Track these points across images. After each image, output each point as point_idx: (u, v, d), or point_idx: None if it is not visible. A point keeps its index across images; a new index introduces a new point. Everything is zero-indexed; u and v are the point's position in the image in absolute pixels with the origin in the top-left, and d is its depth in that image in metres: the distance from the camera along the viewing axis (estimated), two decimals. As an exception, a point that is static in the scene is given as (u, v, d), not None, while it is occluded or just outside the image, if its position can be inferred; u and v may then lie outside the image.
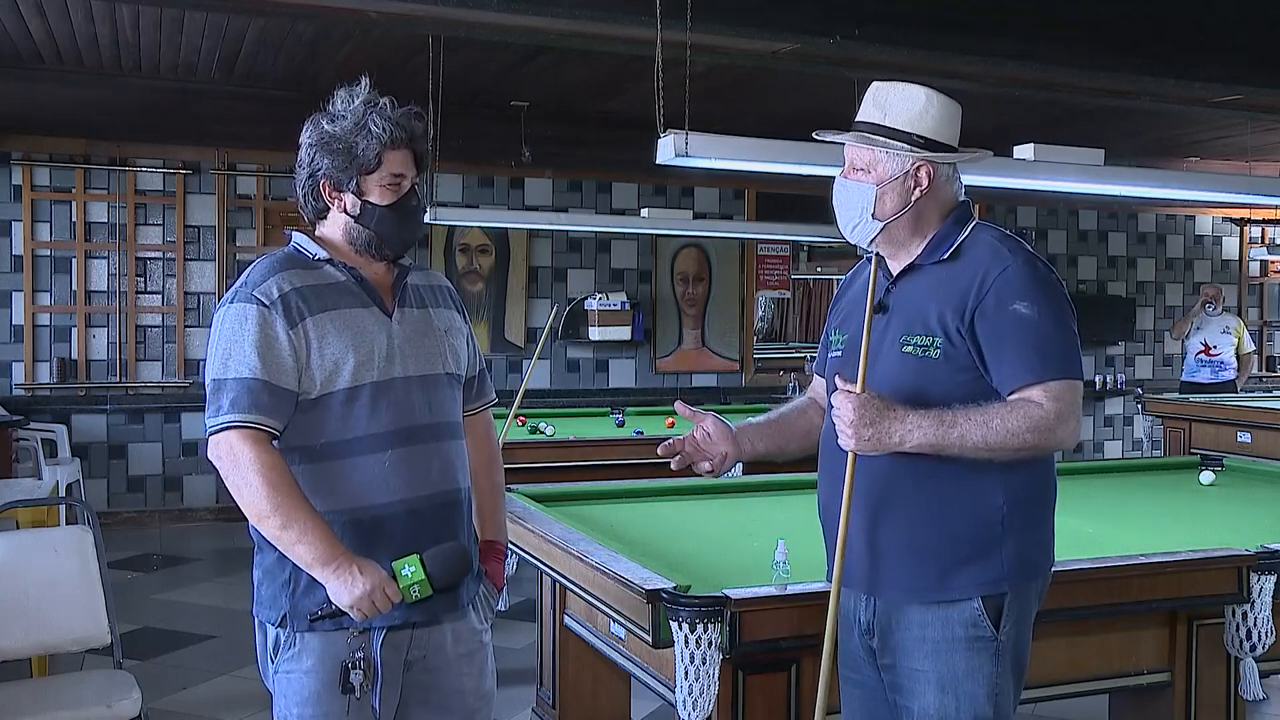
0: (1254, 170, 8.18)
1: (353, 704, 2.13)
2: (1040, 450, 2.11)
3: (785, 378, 9.74)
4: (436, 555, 2.11)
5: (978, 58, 4.78)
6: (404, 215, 2.24)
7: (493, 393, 2.51)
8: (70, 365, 7.98)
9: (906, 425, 2.08)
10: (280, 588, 2.15)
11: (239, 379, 2.08)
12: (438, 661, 2.24)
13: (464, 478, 2.29)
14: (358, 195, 2.21)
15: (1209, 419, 7.49)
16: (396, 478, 2.15)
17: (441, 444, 2.23)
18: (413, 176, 2.25)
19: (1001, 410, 2.07)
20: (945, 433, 2.07)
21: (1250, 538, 3.15)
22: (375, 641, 2.15)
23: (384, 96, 2.22)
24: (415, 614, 2.17)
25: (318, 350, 2.12)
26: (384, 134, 2.17)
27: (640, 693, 3.41)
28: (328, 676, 2.13)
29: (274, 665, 2.18)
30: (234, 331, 2.11)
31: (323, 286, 2.18)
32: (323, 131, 2.20)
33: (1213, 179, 6.94)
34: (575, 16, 4.31)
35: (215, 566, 7.07)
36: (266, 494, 2.04)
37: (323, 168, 2.20)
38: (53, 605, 3.29)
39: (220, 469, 2.08)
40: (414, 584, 2.08)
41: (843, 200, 2.27)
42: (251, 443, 2.06)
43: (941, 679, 2.15)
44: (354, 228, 2.23)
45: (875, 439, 2.09)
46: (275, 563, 2.15)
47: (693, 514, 3.72)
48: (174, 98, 6.59)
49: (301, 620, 2.13)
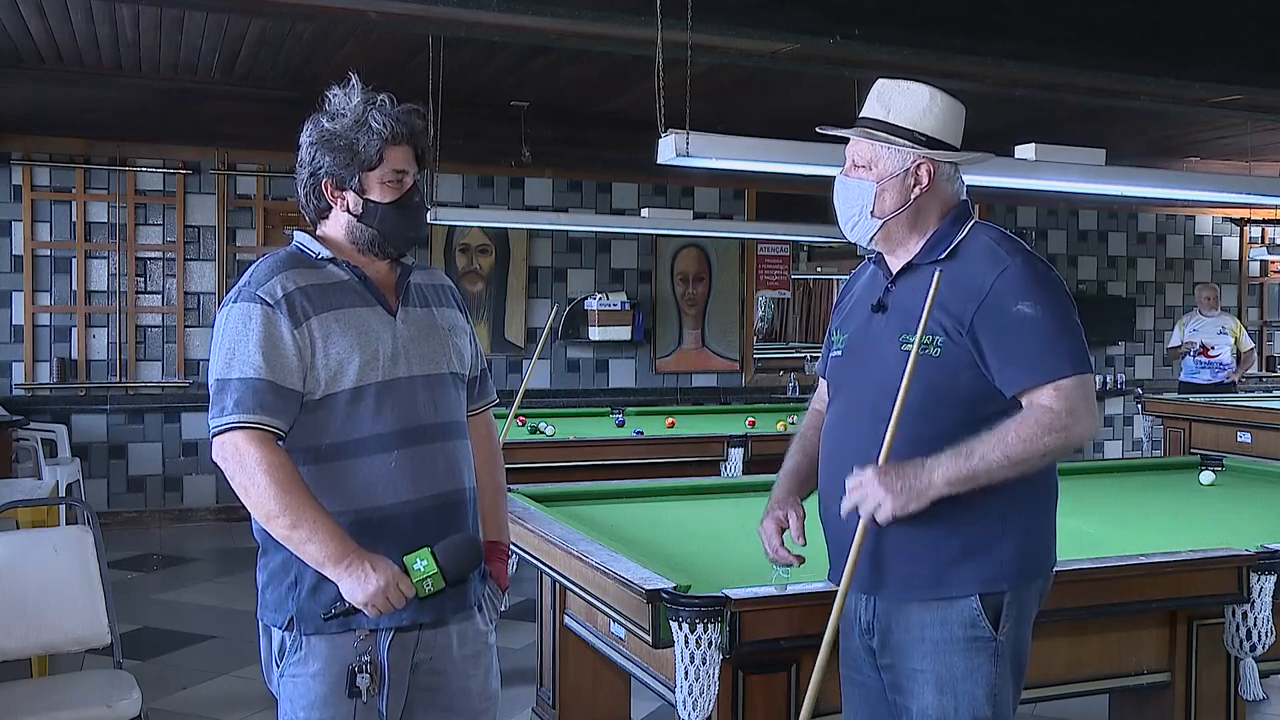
0: (1254, 170, 8.18)
1: (359, 707, 2.12)
2: (1064, 449, 2.10)
3: (785, 378, 9.75)
4: (448, 547, 2.10)
5: (978, 58, 4.79)
6: (407, 212, 2.22)
7: (494, 393, 2.50)
8: (70, 365, 7.98)
9: (928, 469, 2.07)
10: (286, 591, 2.14)
11: (243, 379, 2.06)
12: (443, 663, 2.24)
13: (469, 477, 2.29)
14: (360, 193, 2.20)
15: (1209, 419, 7.49)
16: (402, 478, 2.14)
17: (447, 444, 2.22)
18: (415, 173, 2.24)
19: (1012, 424, 2.07)
20: (965, 462, 2.06)
21: (1250, 538, 3.15)
22: (382, 644, 2.14)
23: (382, 94, 2.21)
24: (423, 615, 2.16)
25: (322, 350, 2.11)
26: (385, 129, 2.16)
27: (640, 693, 3.41)
28: (334, 680, 2.12)
29: (279, 669, 2.17)
30: (238, 331, 2.09)
31: (326, 286, 2.17)
32: (323, 129, 2.19)
33: (1213, 179, 6.95)
34: (575, 16, 4.31)
35: (215, 566, 7.07)
36: (274, 494, 2.02)
37: (324, 166, 2.19)
38: (53, 605, 3.29)
39: (225, 470, 2.06)
40: (427, 577, 2.07)
41: (843, 197, 2.28)
42: (257, 443, 2.04)
43: (940, 679, 2.15)
44: (357, 226, 2.22)
45: (911, 494, 2.06)
46: (280, 565, 2.14)
47: (693, 514, 3.72)
48: (174, 98, 6.59)
49: (308, 623, 2.12)
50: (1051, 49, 4.91)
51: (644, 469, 5.39)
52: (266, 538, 2.15)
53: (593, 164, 8.96)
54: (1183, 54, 5.11)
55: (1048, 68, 5.14)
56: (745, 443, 5.86)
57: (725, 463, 5.83)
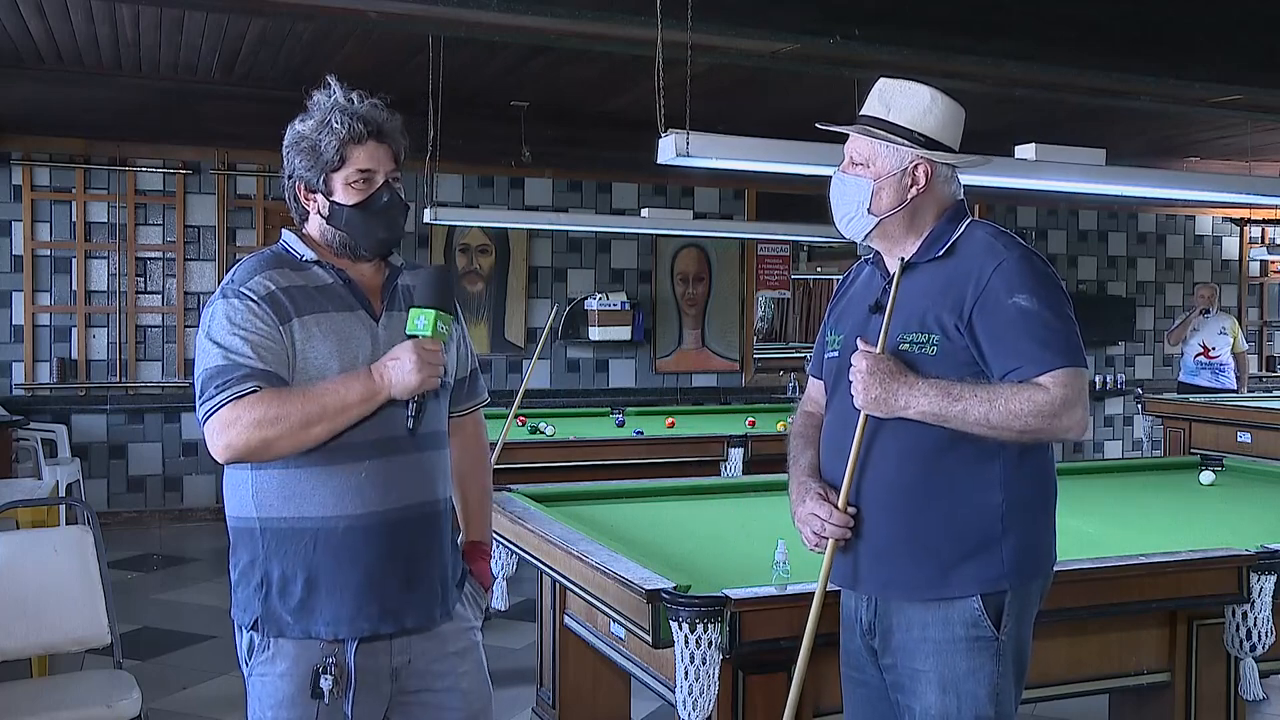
0: (1254, 170, 8.18)
1: (323, 710, 2.10)
2: (1043, 436, 2.11)
3: (785, 378, 9.74)
4: (422, 292, 2.14)
5: (978, 58, 4.78)
6: (371, 214, 2.17)
7: (484, 393, 2.46)
8: (70, 365, 7.98)
9: (914, 391, 2.11)
10: (253, 591, 2.12)
11: (231, 365, 2.04)
12: (425, 664, 2.21)
13: (443, 488, 2.25)
14: (326, 195, 2.17)
15: (1209, 419, 7.49)
16: (372, 489, 2.11)
17: (422, 455, 2.18)
18: (388, 171, 2.19)
19: (1007, 391, 2.08)
20: (948, 405, 2.09)
21: (1250, 538, 3.15)
22: (348, 650, 2.12)
23: (355, 93, 2.17)
24: (384, 625, 2.13)
25: (302, 354, 2.09)
26: (342, 129, 2.12)
27: (640, 693, 3.41)
28: (300, 680, 2.10)
29: (248, 668, 2.16)
30: (223, 325, 2.07)
31: (310, 288, 2.15)
32: (294, 131, 2.18)
33: (1213, 179, 6.94)
34: (575, 16, 4.31)
35: (215, 566, 7.06)
36: (286, 417, 2.00)
37: (295, 169, 2.18)
38: (53, 605, 3.29)
39: (229, 443, 2.01)
40: (435, 324, 2.10)
41: (839, 194, 2.29)
42: (246, 404, 2.00)
43: (943, 679, 2.15)
44: (327, 229, 2.19)
45: (882, 399, 2.12)
46: (248, 565, 2.13)
47: (693, 514, 3.72)
48: (174, 98, 6.59)
49: (272, 625, 2.11)
50: (1051, 49, 4.91)
51: (644, 469, 5.39)
52: (237, 535, 2.15)
53: (593, 164, 8.96)
54: (1183, 54, 5.11)
55: (1048, 68, 5.14)
56: (745, 443, 5.87)
57: (725, 463, 5.83)
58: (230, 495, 2.16)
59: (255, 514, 2.11)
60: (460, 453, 2.37)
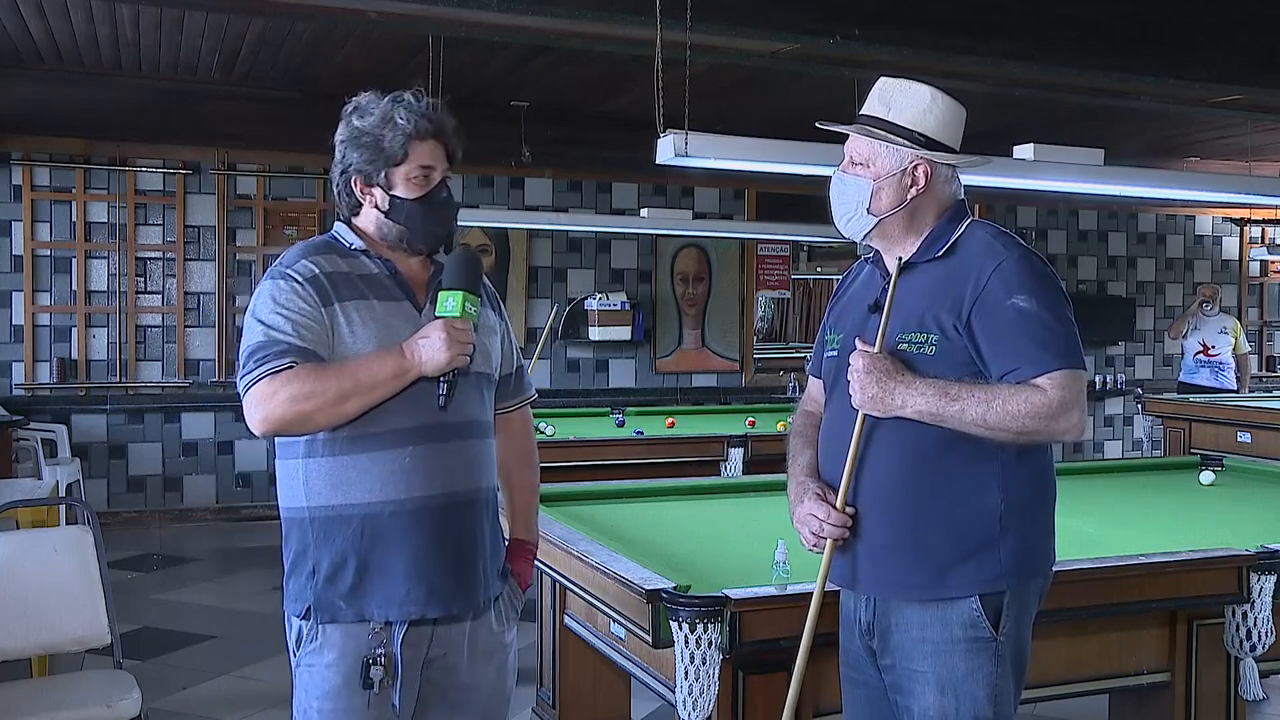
0: (1254, 170, 8.18)
1: (373, 700, 2.13)
2: (1040, 437, 2.11)
3: (785, 378, 9.74)
4: (450, 274, 2.18)
5: (978, 58, 4.78)
6: (432, 208, 2.24)
7: (532, 389, 2.51)
8: (70, 365, 7.98)
9: (911, 391, 2.11)
10: (305, 580, 2.16)
11: (270, 341, 2.08)
12: (456, 660, 2.24)
13: (487, 477, 2.28)
14: (386, 189, 2.22)
15: (1209, 419, 7.49)
16: (416, 475, 2.15)
17: (465, 442, 2.22)
18: (444, 169, 2.26)
19: (1005, 392, 2.08)
20: (946, 405, 2.09)
21: (1250, 538, 3.15)
22: (396, 637, 2.15)
23: (410, 90, 2.24)
24: (431, 609, 2.17)
25: (345, 338, 2.14)
26: (409, 125, 2.18)
27: (640, 693, 3.41)
28: (349, 671, 2.13)
29: (296, 659, 2.19)
30: (267, 304, 2.13)
31: (356, 276, 2.20)
32: (352, 127, 2.22)
33: (1213, 179, 6.95)
34: (575, 16, 4.31)
35: (215, 566, 7.07)
36: (322, 392, 2.04)
37: (353, 163, 2.22)
38: (53, 605, 3.29)
39: (266, 415, 2.05)
40: (464, 304, 2.13)
41: (839, 194, 2.29)
42: (282, 380, 2.05)
43: (941, 680, 2.15)
44: (384, 223, 2.24)
45: (879, 399, 2.12)
46: (299, 555, 2.17)
47: (693, 514, 3.72)
48: (174, 98, 6.59)
49: (324, 612, 2.14)
50: (1051, 49, 4.91)
51: (644, 469, 5.39)
52: (289, 526, 2.19)
53: (593, 164, 8.96)
54: (1183, 54, 5.11)
55: (1048, 68, 5.14)
56: (745, 443, 5.87)
57: (725, 463, 5.83)
58: (283, 487, 2.21)
59: (305, 503, 2.16)
60: (506, 449, 2.40)
